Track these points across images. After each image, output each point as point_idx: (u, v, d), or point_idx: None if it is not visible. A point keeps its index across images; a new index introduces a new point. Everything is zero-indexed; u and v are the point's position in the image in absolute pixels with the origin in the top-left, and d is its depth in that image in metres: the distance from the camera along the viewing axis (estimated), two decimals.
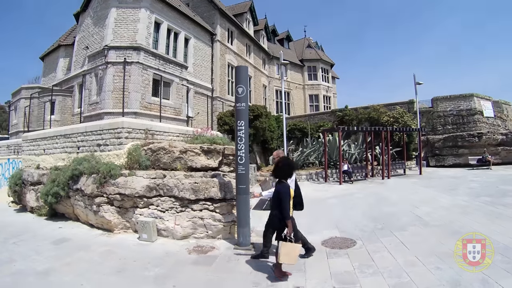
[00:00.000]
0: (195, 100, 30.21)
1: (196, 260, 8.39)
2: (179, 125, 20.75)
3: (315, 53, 57.09)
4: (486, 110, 36.66)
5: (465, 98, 36.44)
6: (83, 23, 28.31)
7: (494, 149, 33.35)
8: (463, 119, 35.77)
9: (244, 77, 10.24)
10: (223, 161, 12.12)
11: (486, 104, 37.27)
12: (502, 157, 33.73)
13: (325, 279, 7.03)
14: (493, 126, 36.49)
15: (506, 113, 40.93)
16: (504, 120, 39.56)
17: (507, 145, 33.82)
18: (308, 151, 29.91)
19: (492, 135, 33.81)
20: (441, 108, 37.14)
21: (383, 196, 17.48)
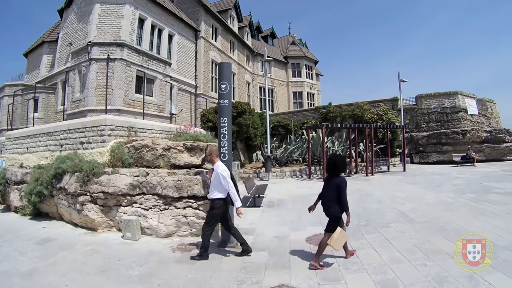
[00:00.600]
0: (178, 97, 30.12)
1: (180, 258, 8.32)
2: (162, 122, 20.72)
3: (299, 50, 57.22)
4: (470, 108, 37.04)
5: (449, 95, 36.84)
6: (67, 19, 28.10)
7: (478, 146, 33.73)
8: (447, 117, 36.22)
9: (227, 73, 10.25)
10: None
11: (470, 102, 37.69)
12: (486, 154, 34.14)
13: (310, 276, 7.04)
14: (477, 124, 36.96)
15: (491, 111, 41.45)
16: (488, 118, 40.03)
17: (491, 142, 34.18)
18: (291, 148, 30.05)
19: (476, 132, 34.14)
20: (425, 106, 37.51)
21: (367, 193, 17.54)
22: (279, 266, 7.67)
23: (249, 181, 16.46)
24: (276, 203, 15.41)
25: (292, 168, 26.78)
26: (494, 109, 43.30)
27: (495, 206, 13.18)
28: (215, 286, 6.73)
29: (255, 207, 14.54)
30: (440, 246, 8.66)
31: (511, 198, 14.69)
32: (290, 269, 7.48)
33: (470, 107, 37.16)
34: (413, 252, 8.30)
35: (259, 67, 50.69)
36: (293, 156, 29.64)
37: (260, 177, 25.16)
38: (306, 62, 56.79)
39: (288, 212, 13.49)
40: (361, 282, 6.72)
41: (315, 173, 26.42)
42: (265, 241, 9.73)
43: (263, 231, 10.85)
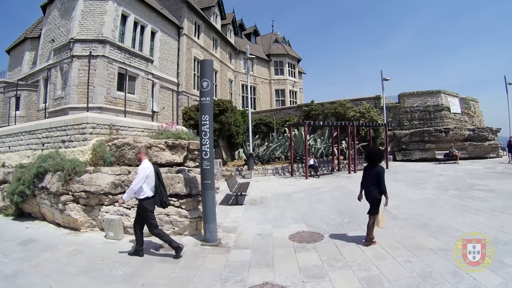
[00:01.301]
0: (160, 94, 29.99)
1: (164, 257, 8.28)
2: (144, 120, 20.62)
3: (282, 48, 57.26)
4: (453, 107, 37.42)
5: (432, 94, 37.22)
6: (50, 15, 27.67)
7: (461, 144, 34.28)
8: (430, 115, 36.56)
9: (209, 71, 10.22)
10: (188, 156, 11.84)
11: (453, 101, 38.08)
12: (469, 152, 34.71)
13: (294, 273, 7.06)
14: (460, 122, 37.33)
15: (474, 110, 41.85)
16: (471, 116, 40.42)
17: (474, 140, 34.77)
18: (274, 146, 30.12)
19: (459, 130, 34.65)
20: (408, 104, 37.83)
21: (350, 190, 17.60)
22: (262, 264, 7.67)
23: (231, 179, 16.53)
24: (259, 201, 15.49)
25: (274, 166, 26.88)
26: (477, 108, 43.76)
27: (478, 203, 13.42)
28: (199, 285, 6.70)
29: (237, 205, 14.56)
30: (423, 242, 8.78)
31: (494, 195, 14.99)
32: (274, 267, 7.48)
33: (453, 105, 37.54)
34: (397, 249, 8.37)
35: (242, 64, 50.56)
36: (275, 154, 29.73)
37: (242, 175, 25.20)
38: (289, 60, 56.79)
39: (270, 210, 13.58)
40: (346, 279, 6.75)
41: (297, 171, 26.59)
42: (248, 239, 9.70)
43: (246, 229, 10.82)
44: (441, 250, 8.14)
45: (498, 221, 10.59)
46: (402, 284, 6.44)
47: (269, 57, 55.33)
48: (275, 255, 8.26)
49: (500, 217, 11.10)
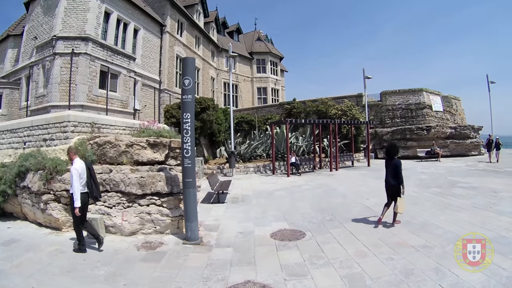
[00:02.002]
0: (142, 92, 29.90)
1: (145, 257, 8.24)
2: (126, 118, 20.54)
3: (264, 46, 57.38)
4: (435, 105, 38.02)
5: (414, 92, 37.75)
6: (33, 12, 27.38)
7: (443, 142, 34.74)
8: (412, 113, 37.17)
9: (191, 68, 10.23)
10: (170, 155, 11.89)
11: (435, 99, 38.65)
12: (451, 150, 35.18)
13: (276, 271, 7.11)
14: (442, 120, 37.98)
15: (455, 108, 42.54)
16: (453, 115, 41.09)
17: (455, 138, 35.21)
18: (255, 144, 30.24)
19: (441, 128, 35.15)
20: (389, 102, 38.37)
21: (332, 188, 17.86)
22: (244, 262, 7.70)
23: (213, 177, 16.62)
24: (240, 199, 15.58)
25: (256, 164, 27.02)
26: (459, 106, 44.40)
27: (460, 200, 13.64)
28: (181, 284, 6.68)
29: (219, 203, 14.59)
30: (405, 240, 8.90)
31: (475, 192, 15.24)
32: (256, 265, 7.51)
33: (435, 103, 38.07)
34: (378, 246, 8.47)
35: (224, 62, 50.60)
36: (257, 152, 29.85)
37: (224, 173, 25.27)
38: (271, 58, 57.03)
39: (252, 208, 13.65)
40: (328, 277, 6.80)
41: (279, 169, 26.70)
42: (229, 237, 9.74)
43: (228, 227, 10.86)
44: (423, 247, 8.24)
45: (480, 218, 10.76)
46: (384, 281, 6.50)
47: (252, 55, 55.44)
48: (256, 253, 8.28)
49: (482, 215, 11.28)
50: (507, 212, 11.51)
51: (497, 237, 8.76)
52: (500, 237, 8.82)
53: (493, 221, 10.45)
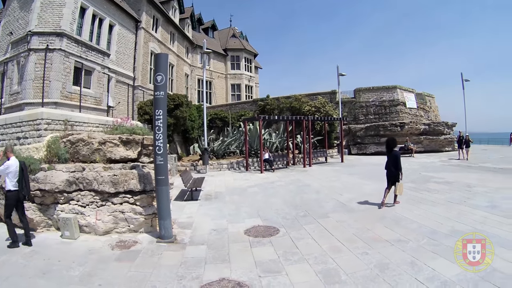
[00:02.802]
0: (116, 89, 29.70)
1: (120, 256, 8.15)
2: (99, 116, 20.41)
3: (239, 42, 57.48)
4: (409, 102, 38.55)
5: (388, 89, 38.23)
6: (10, 6, 26.87)
7: (416, 138, 35.48)
8: (386, 110, 37.61)
9: (163, 65, 10.19)
10: (143, 152, 11.83)
11: (409, 96, 39.16)
12: (425, 146, 35.99)
13: (250, 268, 7.15)
14: (416, 117, 38.55)
15: (429, 105, 43.04)
16: (427, 111, 41.63)
17: (429, 134, 36.03)
18: (229, 140, 30.28)
19: (415, 125, 35.79)
20: (363, 99, 38.74)
21: (305, 184, 18.05)
22: (218, 259, 7.73)
23: (186, 174, 16.68)
24: (214, 196, 15.61)
25: (229, 161, 27.08)
26: (433, 103, 44.93)
27: (435, 195, 14.00)
28: (156, 283, 6.66)
29: (192, 200, 14.61)
30: (380, 234, 9.07)
31: (449, 187, 15.65)
32: (230, 262, 7.55)
33: (408, 100, 38.60)
34: (353, 241, 8.60)
35: (198, 59, 50.44)
36: (230, 149, 29.89)
37: (197, 170, 25.33)
38: (246, 55, 57.18)
39: (225, 205, 13.72)
40: (303, 273, 6.88)
41: (252, 165, 26.84)
42: (203, 235, 9.74)
43: (201, 224, 10.87)
44: (398, 242, 8.40)
45: (455, 213, 11.01)
46: (360, 276, 6.61)
47: (226, 51, 55.46)
48: (231, 250, 8.32)
49: (457, 209, 11.55)
50: (481, 206, 11.80)
51: (472, 231, 8.90)
52: (475, 230, 8.95)
53: (468, 215, 10.71)
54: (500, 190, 14.51)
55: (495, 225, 9.50)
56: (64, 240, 9.35)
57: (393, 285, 6.22)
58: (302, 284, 6.40)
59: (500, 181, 16.86)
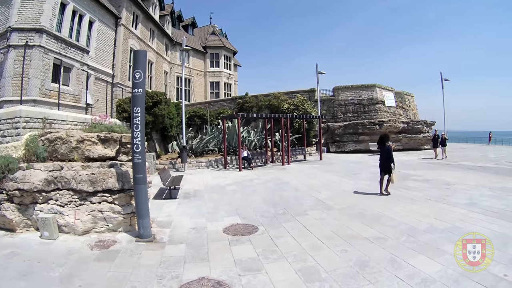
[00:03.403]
0: (95, 86, 29.57)
1: (99, 256, 7.97)
2: (78, 113, 20.34)
3: (218, 40, 57.53)
4: (388, 100, 39.20)
5: (367, 88, 38.79)
6: None
7: (395, 136, 35.78)
8: (365, 108, 38.17)
9: (142, 62, 10.03)
10: (121, 150, 11.74)
11: (388, 95, 39.79)
12: (403, 144, 36.62)
13: (230, 267, 7.09)
14: (395, 115, 39.25)
15: (408, 103, 43.84)
16: (406, 110, 42.35)
17: (408, 132, 36.71)
18: (207, 138, 30.38)
19: (393, 123, 36.41)
20: (342, 97, 39.25)
21: (284, 182, 18.19)
22: (198, 258, 7.65)
23: (164, 172, 16.56)
24: (192, 194, 15.59)
25: (208, 159, 27.14)
26: (412, 102, 45.70)
27: (413, 192, 14.27)
28: (135, 283, 6.53)
29: (171, 198, 14.54)
30: (359, 232, 9.14)
31: (428, 184, 15.99)
32: (210, 261, 7.47)
33: (387, 99, 39.24)
34: (332, 239, 8.65)
35: (178, 56, 50.51)
36: (208, 146, 29.98)
37: (176, 168, 25.32)
38: (225, 53, 57.28)
39: (204, 203, 13.69)
40: (282, 271, 6.86)
41: (230, 163, 27.04)
42: (182, 234, 9.66)
43: (180, 223, 10.80)
44: (377, 239, 8.49)
45: (434, 210, 11.20)
46: (340, 273, 6.61)
47: (205, 49, 55.57)
48: (210, 249, 8.26)
49: (436, 206, 11.78)
50: (460, 203, 12.04)
51: (452, 228, 9.21)
52: (454, 227, 9.23)
53: (447, 212, 10.92)
54: (479, 188, 14.84)
55: (474, 222, 9.71)
56: (43, 241, 9.13)
57: (373, 282, 6.26)
58: (282, 282, 6.40)
59: (479, 179, 17.24)
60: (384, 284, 6.15)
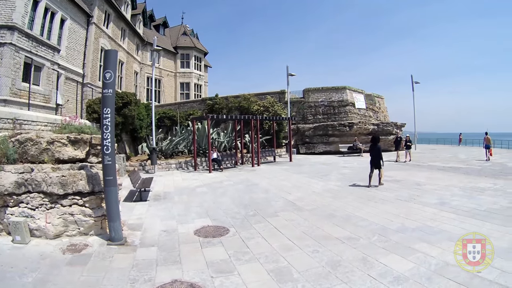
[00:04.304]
0: (65, 86, 29.19)
1: (71, 260, 7.83)
2: (48, 114, 20.18)
3: (189, 40, 57.59)
4: (358, 102, 39.87)
5: (338, 90, 39.31)
6: None
7: (365, 138, 36.11)
8: (335, 110, 38.63)
9: (113, 62, 9.99)
10: (91, 152, 11.43)
11: (358, 97, 40.46)
12: None
13: (202, 269, 7.09)
14: (365, 117, 39.89)
15: (378, 106, 44.55)
16: (376, 112, 43.01)
17: (378, 134, 36.29)
18: (177, 140, 30.36)
19: (364, 125, 36.97)
20: (312, 99, 39.63)
21: (254, 183, 18.34)
22: (170, 261, 7.64)
23: (134, 174, 16.62)
24: (163, 196, 15.57)
25: (177, 160, 27.15)
26: (382, 104, 46.37)
27: (384, 193, 14.52)
28: (109, 287, 6.51)
29: (141, 201, 14.43)
30: (330, 232, 9.26)
31: (399, 185, 16.29)
32: (182, 263, 7.48)
33: (358, 101, 39.89)
34: (303, 239, 8.73)
35: (148, 56, 50.37)
36: (178, 148, 29.96)
37: (146, 170, 25.29)
38: (196, 53, 57.39)
39: (174, 205, 13.67)
40: (254, 272, 6.89)
41: (200, 165, 27.07)
42: (153, 236, 9.64)
43: (151, 225, 10.76)
44: (348, 239, 8.61)
45: (405, 210, 11.44)
46: (312, 273, 6.67)
47: (176, 49, 55.61)
48: (181, 251, 8.26)
49: (406, 206, 12.02)
50: (431, 203, 12.32)
51: (423, 227, 9.44)
52: (426, 226, 9.47)
53: (418, 212, 11.15)
54: (449, 188, 15.22)
55: (445, 221, 9.97)
56: (15, 245, 8.91)
57: (346, 281, 6.34)
58: (254, 283, 6.46)
59: (448, 179, 17.72)
60: (357, 283, 6.26)
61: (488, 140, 29.07)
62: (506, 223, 9.64)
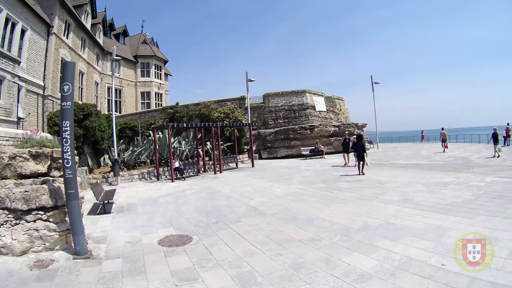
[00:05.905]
0: (26, 99, 28.69)
1: (39, 276, 7.70)
2: (9, 128, 20.04)
3: (149, 49, 57.43)
4: (318, 105, 40.55)
5: (298, 94, 39.90)
6: None
7: (327, 140, 37.33)
8: (295, 113, 39.23)
9: (71, 74, 9.81)
10: (53, 166, 11.23)
11: (319, 100, 41.15)
12: (335, 147, 37.61)
13: (167, 278, 7.14)
14: (326, 119, 40.58)
15: (339, 107, 45.42)
16: (337, 114, 43.87)
17: (339, 135, 37.53)
18: (139, 150, 30.46)
19: (325, 127, 37.68)
20: (272, 104, 40.14)
21: (216, 190, 18.57)
22: (134, 272, 7.66)
23: (97, 186, 16.65)
24: (126, 208, 15.59)
25: (140, 171, 27.22)
26: (342, 106, 47.38)
27: (346, 193, 14.85)
28: None
29: (105, 213, 14.43)
30: (292, 235, 9.46)
31: (361, 184, 16.67)
32: (146, 273, 7.52)
33: (318, 104, 40.58)
34: (266, 244, 8.92)
35: (109, 66, 49.40)
36: (141, 158, 29.99)
37: (109, 182, 25.24)
38: (156, 62, 57.33)
39: (138, 216, 13.73)
40: (218, 278, 6.99)
41: (163, 174, 27.18)
42: (118, 248, 9.63)
43: (115, 237, 10.77)
44: (311, 241, 8.81)
45: (367, 209, 11.75)
46: (275, 276, 6.82)
47: (137, 58, 55.39)
48: (146, 261, 8.29)
49: (369, 205, 12.34)
50: (393, 200, 12.71)
51: (386, 224, 9.75)
52: (388, 224, 9.78)
53: (380, 210, 11.49)
54: (412, 184, 15.77)
55: (407, 217, 10.31)
56: None
57: (309, 282, 6.49)
58: None
59: (411, 176, 18.27)
60: (320, 283, 6.44)
61: (444, 135, 32.68)
62: (470, 215, 10.03)
